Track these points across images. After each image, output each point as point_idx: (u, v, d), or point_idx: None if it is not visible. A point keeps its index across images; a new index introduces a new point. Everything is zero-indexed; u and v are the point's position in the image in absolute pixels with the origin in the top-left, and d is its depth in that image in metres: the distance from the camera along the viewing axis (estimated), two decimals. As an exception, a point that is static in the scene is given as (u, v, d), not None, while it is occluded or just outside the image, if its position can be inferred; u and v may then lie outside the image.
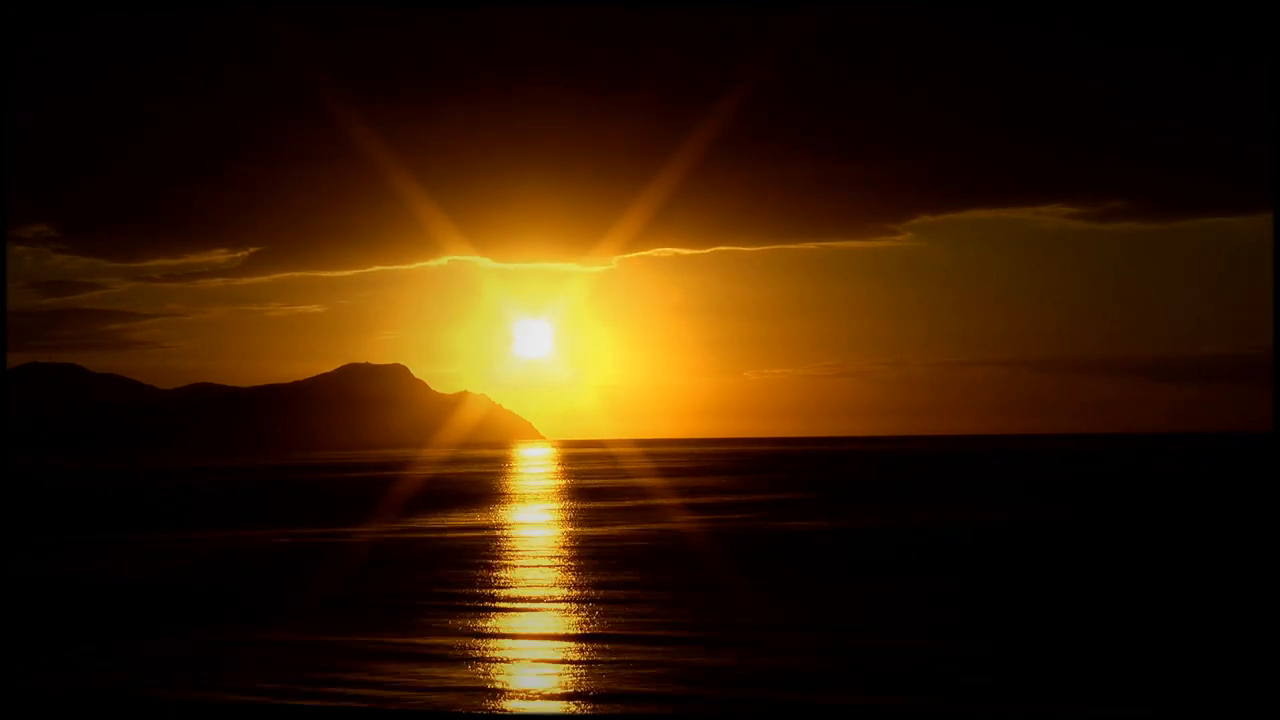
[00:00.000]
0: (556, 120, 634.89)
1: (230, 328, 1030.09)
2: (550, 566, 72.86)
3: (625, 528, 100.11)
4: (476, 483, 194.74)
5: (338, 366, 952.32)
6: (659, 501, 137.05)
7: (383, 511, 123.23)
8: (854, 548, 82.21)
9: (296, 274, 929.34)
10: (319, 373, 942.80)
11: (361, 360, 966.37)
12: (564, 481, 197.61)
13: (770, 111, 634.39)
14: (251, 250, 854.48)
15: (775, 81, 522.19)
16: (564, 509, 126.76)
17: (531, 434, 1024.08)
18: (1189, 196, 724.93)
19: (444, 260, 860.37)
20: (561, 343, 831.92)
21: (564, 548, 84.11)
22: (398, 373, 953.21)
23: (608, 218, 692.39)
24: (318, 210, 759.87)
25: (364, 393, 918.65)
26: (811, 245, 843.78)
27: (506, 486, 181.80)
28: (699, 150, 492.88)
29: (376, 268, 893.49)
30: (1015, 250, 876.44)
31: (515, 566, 73.23)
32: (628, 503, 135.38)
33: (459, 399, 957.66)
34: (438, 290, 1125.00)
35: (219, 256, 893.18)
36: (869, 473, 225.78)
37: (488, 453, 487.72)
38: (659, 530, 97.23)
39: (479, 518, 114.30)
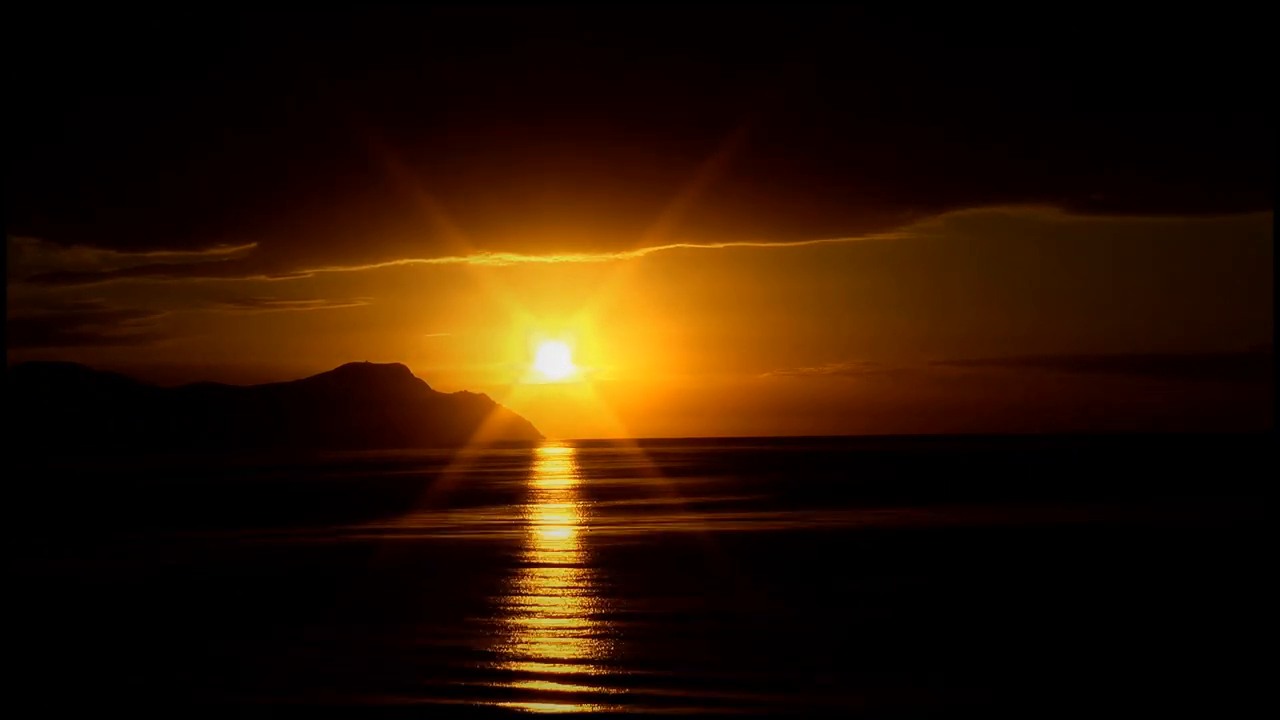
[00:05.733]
0: (575, 122, 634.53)
1: (231, 326, 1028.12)
2: (572, 567, 74.84)
3: (651, 528, 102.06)
4: (487, 483, 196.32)
5: (337, 366, 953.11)
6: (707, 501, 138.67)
7: (411, 509, 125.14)
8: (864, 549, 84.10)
9: (297, 272, 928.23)
10: (319, 371, 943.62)
11: (361, 359, 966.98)
12: (580, 482, 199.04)
13: (793, 107, 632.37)
14: (253, 246, 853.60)
15: (806, 79, 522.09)
16: (586, 511, 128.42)
17: (531, 433, 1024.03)
18: (1189, 194, 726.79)
19: (446, 259, 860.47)
20: (565, 342, 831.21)
21: (584, 550, 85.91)
22: (397, 372, 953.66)
23: (616, 216, 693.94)
24: (321, 208, 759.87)
25: (364, 392, 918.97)
26: (829, 241, 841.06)
27: (535, 488, 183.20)
28: (718, 153, 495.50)
29: (378, 266, 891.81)
30: (1031, 246, 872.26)
31: (549, 566, 75.30)
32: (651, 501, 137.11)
33: (459, 399, 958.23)
34: (440, 289, 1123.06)
35: (223, 252, 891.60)
36: (895, 473, 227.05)
37: (490, 452, 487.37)
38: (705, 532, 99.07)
39: (505, 516, 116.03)
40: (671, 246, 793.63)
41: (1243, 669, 41.73)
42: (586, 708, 37.48)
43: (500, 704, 37.96)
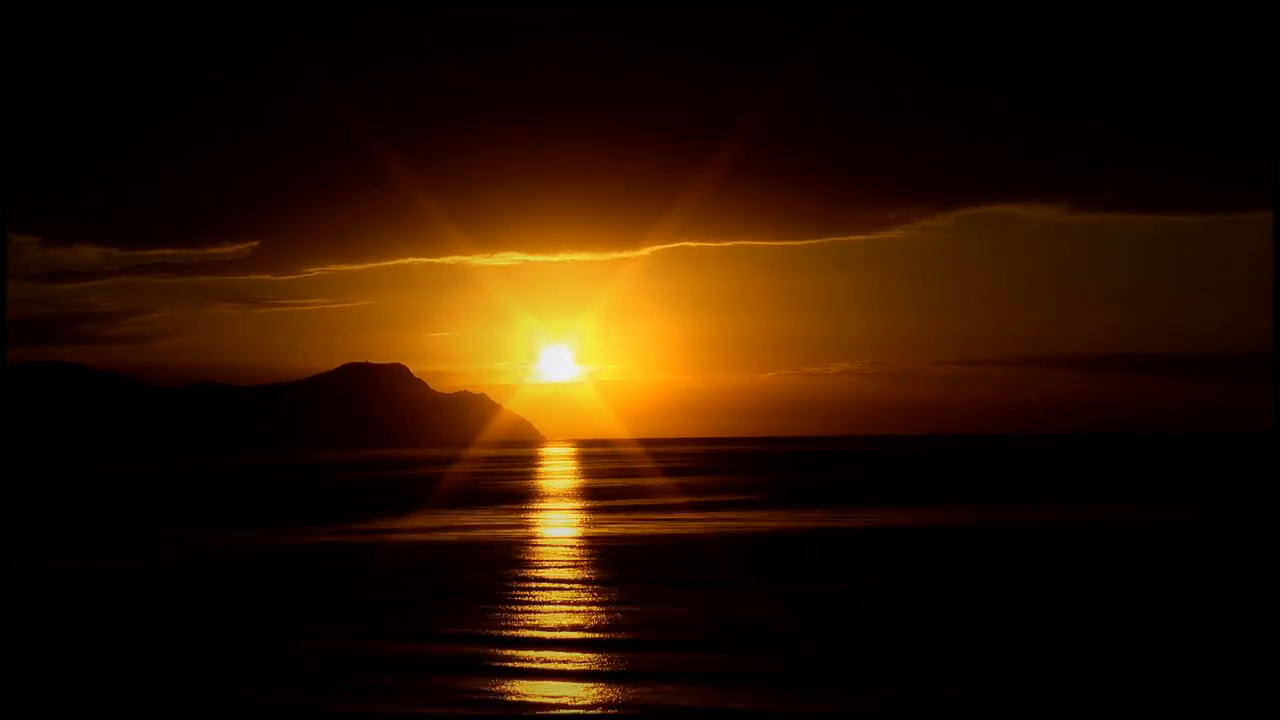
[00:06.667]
0: (576, 122, 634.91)
1: (232, 325, 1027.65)
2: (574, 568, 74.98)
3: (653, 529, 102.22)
4: (488, 483, 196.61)
5: (337, 365, 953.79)
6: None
7: (412, 509, 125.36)
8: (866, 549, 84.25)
9: (298, 272, 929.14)
10: (320, 371, 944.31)
11: (361, 359, 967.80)
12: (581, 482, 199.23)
13: (797, 105, 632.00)
14: (254, 245, 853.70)
15: (806, 79, 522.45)
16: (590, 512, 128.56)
17: (532, 434, 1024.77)
18: (1189, 194, 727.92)
19: (449, 259, 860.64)
20: (568, 343, 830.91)
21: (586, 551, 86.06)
22: (397, 372, 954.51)
23: (619, 215, 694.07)
24: (322, 208, 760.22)
25: (364, 392, 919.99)
26: (834, 240, 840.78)
27: (541, 490, 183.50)
28: (719, 153, 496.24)
29: (380, 265, 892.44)
30: (1032, 246, 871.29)
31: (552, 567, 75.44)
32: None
33: (459, 399, 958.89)
34: (442, 289, 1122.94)
35: (224, 251, 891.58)
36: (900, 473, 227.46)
37: (491, 452, 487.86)
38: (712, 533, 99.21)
39: (509, 516, 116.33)
40: (676, 245, 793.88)
41: (1243, 669, 41.76)
42: (586, 705, 37.55)
43: (501, 702, 38.02)
